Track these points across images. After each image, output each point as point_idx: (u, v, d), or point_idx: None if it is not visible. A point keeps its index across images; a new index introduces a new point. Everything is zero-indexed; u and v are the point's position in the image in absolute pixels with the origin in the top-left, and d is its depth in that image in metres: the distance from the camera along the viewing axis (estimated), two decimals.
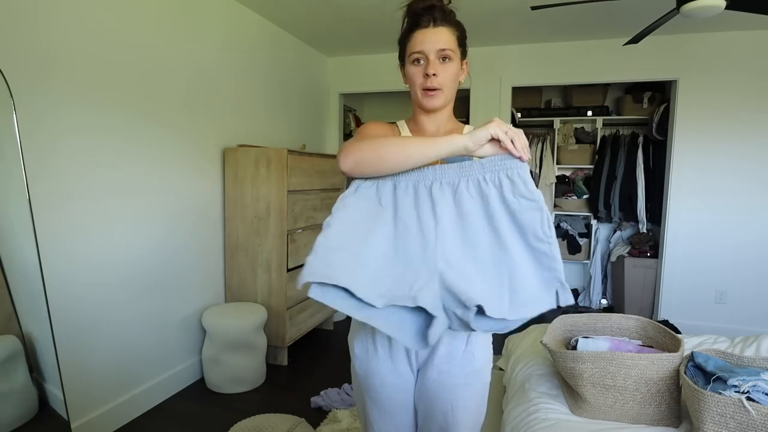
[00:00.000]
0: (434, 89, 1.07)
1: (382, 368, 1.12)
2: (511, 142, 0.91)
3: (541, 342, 1.62)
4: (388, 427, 1.17)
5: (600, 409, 1.45)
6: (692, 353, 1.42)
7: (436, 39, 1.05)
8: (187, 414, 2.44)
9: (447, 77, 1.07)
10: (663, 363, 1.39)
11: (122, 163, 2.25)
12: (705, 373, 1.34)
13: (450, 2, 1.11)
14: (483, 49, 3.96)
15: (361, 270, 0.91)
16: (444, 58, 1.07)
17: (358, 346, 1.15)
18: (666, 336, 1.59)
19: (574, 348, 1.61)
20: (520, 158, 0.93)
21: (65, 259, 1.99)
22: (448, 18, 1.08)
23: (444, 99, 1.10)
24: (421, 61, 1.07)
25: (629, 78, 3.76)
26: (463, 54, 1.12)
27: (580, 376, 1.45)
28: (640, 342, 1.66)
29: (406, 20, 1.11)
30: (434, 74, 1.05)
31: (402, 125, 1.20)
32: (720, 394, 1.21)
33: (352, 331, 1.19)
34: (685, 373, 1.34)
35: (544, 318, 1.72)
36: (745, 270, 3.58)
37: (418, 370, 1.14)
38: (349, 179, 1.04)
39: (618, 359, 1.41)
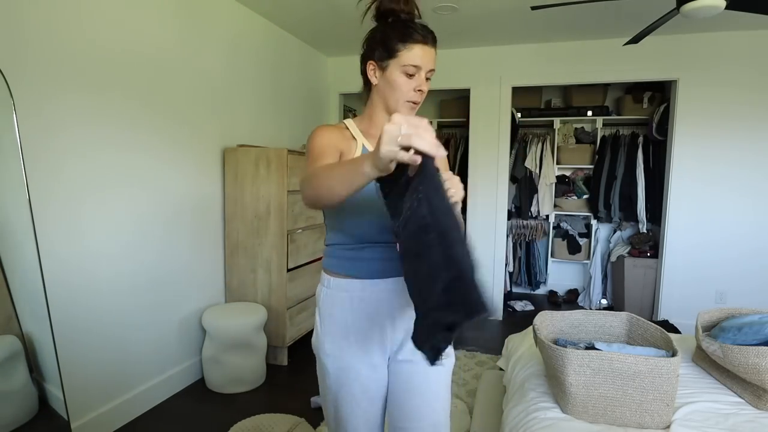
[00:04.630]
0: (418, 103, 1.15)
1: (356, 362, 1.15)
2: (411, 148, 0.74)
3: (536, 345, 1.62)
4: (358, 420, 1.18)
5: (588, 409, 1.44)
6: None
7: (430, 59, 1.12)
8: (187, 414, 2.44)
9: (425, 94, 1.15)
10: (654, 363, 1.38)
11: (123, 162, 2.25)
12: None
13: (419, 17, 1.16)
14: (483, 49, 3.96)
15: None
16: (428, 78, 1.14)
17: (329, 344, 1.16)
18: (657, 333, 1.60)
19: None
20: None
21: (65, 259, 2.00)
22: (436, 40, 1.14)
23: (416, 111, 1.17)
24: (413, 75, 1.11)
25: (629, 78, 3.76)
26: None
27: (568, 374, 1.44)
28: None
29: (380, 17, 1.14)
30: (424, 91, 1.13)
31: (351, 126, 1.20)
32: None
33: (321, 333, 1.19)
34: None
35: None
36: (745, 270, 3.57)
37: (389, 360, 1.19)
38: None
39: (606, 358, 1.40)
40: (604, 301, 4.49)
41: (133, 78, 2.28)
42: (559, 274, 4.92)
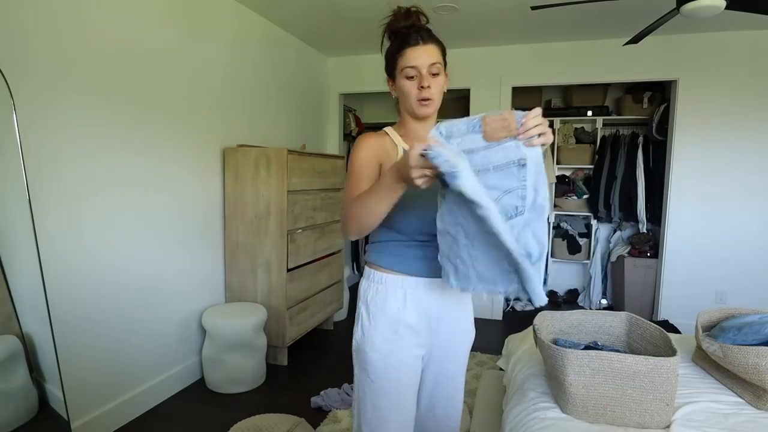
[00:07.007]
0: (428, 99, 1.20)
1: (404, 354, 1.23)
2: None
3: (536, 345, 1.62)
4: (398, 410, 1.25)
5: (588, 409, 1.44)
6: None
7: (426, 55, 1.18)
8: (187, 414, 2.44)
9: (437, 88, 1.21)
10: (653, 363, 1.37)
11: (122, 163, 2.25)
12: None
13: (428, 22, 1.23)
14: (483, 49, 3.96)
15: None
16: (434, 73, 1.19)
17: (379, 340, 1.23)
18: (656, 333, 1.60)
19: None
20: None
21: (65, 258, 2.00)
22: (432, 36, 1.21)
23: (434, 107, 1.24)
24: (414, 76, 1.19)
25: (629, 78, 3.76)
26: (445, 66, 1.25)
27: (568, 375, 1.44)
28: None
29: (389, 37, 1.24)
30: (428, 86, 1.19)
31: (392, 133, 1.28)
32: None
33: (370, 328, 1.24)
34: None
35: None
36: (745, 270, 3.58)
37: (425, 353, 1.29)
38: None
39: (606, 358, 1.40)
40: (604, 301, 4.49)
41: (132, 78, 2.28)
42: (559, 274, 4.91)
